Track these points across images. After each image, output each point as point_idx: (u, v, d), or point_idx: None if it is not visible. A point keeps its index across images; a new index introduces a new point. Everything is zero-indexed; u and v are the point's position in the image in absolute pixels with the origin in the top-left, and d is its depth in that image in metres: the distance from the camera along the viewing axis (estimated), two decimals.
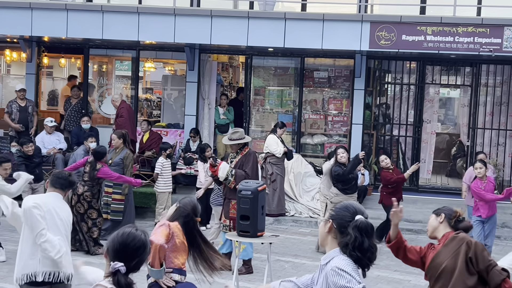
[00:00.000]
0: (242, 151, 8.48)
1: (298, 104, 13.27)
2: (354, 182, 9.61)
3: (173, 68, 17.13)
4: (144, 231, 3.19)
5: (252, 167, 8.35)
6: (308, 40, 11.74)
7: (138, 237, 3.10)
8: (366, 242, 3.12)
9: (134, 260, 3.06)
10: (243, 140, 8.49)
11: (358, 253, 3.11)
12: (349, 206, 3.28)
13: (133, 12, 11.92)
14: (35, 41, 13.27)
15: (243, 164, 8.35)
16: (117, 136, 9.88)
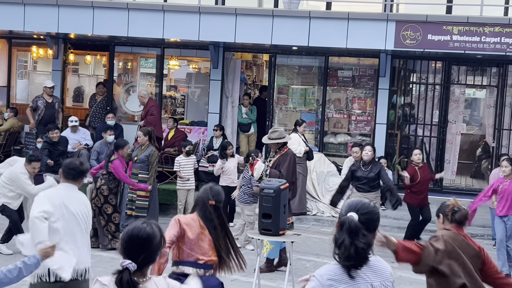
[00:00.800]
0: (280, 151, 8.32)
1: (322, 103, 13.23)
2: (368, 181, 9.52)
3: (197, 66, 17.20)
4: (154, 225, 3.15)
5: (288, 167, 8.20)
6: (332, 39, 11.70)
7: (143, 230, 3.08)
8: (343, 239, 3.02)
9: (141, 254, 3.04)
10: (282, 139, 8.33)
11: (337, 250, 3.06)
12: (348, 204, 3.20)
13: (158, 10, 11.99)
14: (61, 38, 13.43)
15: (280, 164, 8.22)
16: (143, 133, 9.96)
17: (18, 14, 12.20)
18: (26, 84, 16.25)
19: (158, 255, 3.12)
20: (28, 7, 12.22)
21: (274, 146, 8.41)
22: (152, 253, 3.08)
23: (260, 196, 7.54)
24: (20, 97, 15.60)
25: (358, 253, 3.02)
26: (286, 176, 8.08)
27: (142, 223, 3.14)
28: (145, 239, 3.06)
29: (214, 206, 4.81)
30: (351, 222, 3.05)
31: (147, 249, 3.05)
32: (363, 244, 3.02)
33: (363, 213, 3.10)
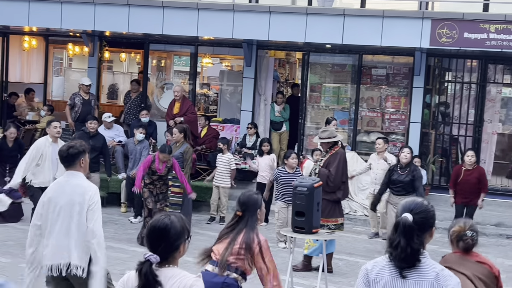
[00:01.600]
0: (331, 150, 8.24)
1: (355, 102, 13.16)
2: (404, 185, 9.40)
3: (230, 64, 17.27)
4: (174, 217, 3.18)
5: (338, 167, 8.10)
6: (366, 36, 11.62)
7: (161, 221, 3.15)
8: (399, 240, 3.08)
9: (160, 244, 3.11)
10: (332, 139, 8.22)
11: (389, 249, 3.13)
12: (402, 204, 3.24)
13: (192, 8, 12.06)
14: (97, 36, 13.61)
15: (330, 163, 8.14)
16: (179, 130, 10.02)
17: (55, 12, 12.40)
18: (62, 81, 16.53)
19: (180, 245, 3.15)
20: (65, 5, 12.40)
21: (324, 146, 8.32)
22: (171, 243, 3.12)
23: (293, 194, 7.53)
24: (56, 94, 15.87)
25: (413, 253, 3.09)
26: (335, 175, 8.00)
27: (161, 216, 3.22)
28: (162, 229, 3.12)
29: (241, 216, 4.67)
30: (405, 223, 3.10)
31: (164, 239, 3.11)
32: (417, 245, 3.08)
33: (417, 213, 3.15)
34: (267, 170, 10.85)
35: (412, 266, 3.10)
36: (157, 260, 3.05)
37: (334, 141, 8.27)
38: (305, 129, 13.40)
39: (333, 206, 8.22)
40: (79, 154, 4.94)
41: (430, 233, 3.20)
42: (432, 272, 3.11)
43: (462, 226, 4.28)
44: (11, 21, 12.84)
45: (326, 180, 8.03)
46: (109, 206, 11.63)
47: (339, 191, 8.25)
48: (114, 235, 9.77)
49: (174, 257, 3.16)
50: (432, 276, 3.10)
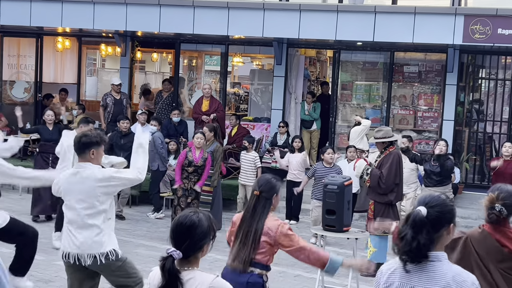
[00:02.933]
0: (386, 150, 8.05)
1: (387, 99, 13.04)
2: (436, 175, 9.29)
3: (261, 63, 17.27)
4: (202, 214, 3.13)
5: (390, 168, 7.89)
6: (398, 34, 11.51)
7: (188, 218, 3.08)
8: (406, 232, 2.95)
9: (185, 241, 3.03)
10: (387, 138, 8.02)
11: (398, 242, 3.00)
12: (418, 198, 3.14)
13: (223, 7, 12.09)
14: (129, 36, 13.75)
15: (382, 164, 7.96)
16: (209, 129, 10.07)
17: (88, 13, 12.56)
18: (95, 82, 16.74)
19: (204, 245, 3.09)
20: (98, 6, 12.55)
21: (379, 146, 8.15)
22: (196, 242, 3.05)
23: (323, 192, 7.51)
24: (89, 94, 16.07)
25: (419, 249, 2.93)
26: (386, 177, 7.80)
27: (190, 212, 3.15)
28: (189, 226, 3.05)
29: (259, 196, 4.45)
30: (416, 216, 2.97)
31: (190, 237, 3.04)
32: (425, 240, 2.93)
33: (432, 206, 3.00)
34: (298, 168, 10.83)
35: (417, 262, 2.96)
36: (179, 256, 2.98)
37: (390, 141, 8.03)
38: (336, 127, 13.32)
39: (387, 209, 7.99)
40: (91, 145, 4.94)
41: (448, 230, 3.02)
42: (443, 280, 2.94)
43: (493, 196, 3.92)
44: (44, 22, 13.05)
45: (378, 182, 7.83)
46: (141, 205, 11.75)
47: (392, 193, 7.99)
48: (146, 234, 9.86)
49: (196, 257, 3.10)
50: (442, 284, 2.94)
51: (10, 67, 15.03)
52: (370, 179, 7.89)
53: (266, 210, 4.42)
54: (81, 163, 5.00)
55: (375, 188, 7.94)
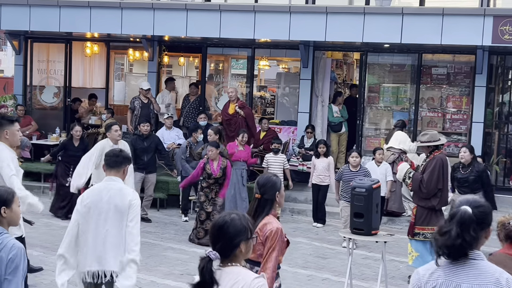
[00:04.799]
0: (432, 154, 7.83)
1: (415, 102, 12.93)
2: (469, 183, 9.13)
3: (287, 66, 17.26)
4: (236, 215, 3.19)
5: (431, 173, 7.67)
6: (426, 35, 11.41)
7: (221, 218, 3.17)
8: (451, 228, 2.95)
9: (219, 241, 3.13)
10: (432, 142, 7.80)
11: (438, 237, 2.99)
12: (460, 200, 3.13)
13: (249, 11, 12.12)
14: (156, 41, 13.85)
15: (426, 168, 7.77)
16: (214, 131, 10.04)
17: (116, 18, 12.70)
18: (123, 86, 16.88)
19: (240, 243, 3.13)
20: (126, 11, 12.68)
21: (425, 150, 7.98)
22: (229, 240, 3.12)
23: (351, 195, 7.47)
24: (118, 98, 16.22)
25: (463, 246, 2.95)
26: (426, 182, 7.63)
27: (225, 213, 3.25)
28: (220, 226, 3.14)
29: (260, 199, 4.43)
30: (464, 214, 2.98)
31: (223, 236, 3.13)
32: (470, 237, 2.95)
33: (476, 207, 3.04)
34: (323, 172, 10.79)
35: (455, 259, 2.97)
36: (216, 256, 3.06)
37: (435, 145, 7.82)
38: (364, 130, 13.25)
39: (429, 214, 7.80)
40: (127, 162, 5.07)
41: (486, 233, 3.05)
42: (491, 276, 2.96)
43: (506, 217, 4.08)
44: (73, 27, 13.22)
45: (419, 186, 7.69)
46: (169, 208, 11.82)
47: (435, 198, 7.76)
48: (174, 237, 9.91)
49: (236, 255, 3.15)
50: (492, 280, 2.95)
51: (39, 72, 15.25)
52: (412, 183, 7.75)
53: (267, 210, 4.42)
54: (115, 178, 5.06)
55: (417, 192, 7.79)
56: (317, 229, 10.83)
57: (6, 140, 5.85)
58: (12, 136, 5.86)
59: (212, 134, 10.02)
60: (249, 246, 3.20)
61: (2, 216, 3.73)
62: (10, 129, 5.83)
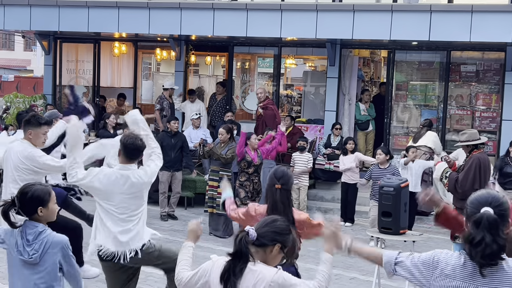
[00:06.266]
0: (471, 154, 7.70)
1: (443, 100, 12.79)
2: None
3: (314, 64, 17.22)
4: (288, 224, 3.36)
5: (467, 173, 7.53)
6: (455, 32, 11.28)
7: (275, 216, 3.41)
8: (483, 236, 2.84)
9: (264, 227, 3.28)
10: (471, 142, 7.68)
11: (468, 247, 2.89)
12: (476, 199, 3.03)
13: (276, 10, 12.11)
14: (183, 40, 13.92)
15: (463, 168, 7.67)
16: (225, 130, 10.03)
17: (143, 18, 12.79)
18: (150, 85, 17.01)
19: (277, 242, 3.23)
20: (153, 11, 12.77)
21: (465, 149, 7.86)
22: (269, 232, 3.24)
23: (379, 194, 7.43)
24: (145, 97, 16.35)
25: (500, 250, 2.86)
26: (461, 181, 7.52)
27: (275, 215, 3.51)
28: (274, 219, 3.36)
29: (280, 189, 4.52)
30: (489, 218, 2.88)
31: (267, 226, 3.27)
32: (502, 240, 2.87)
33: (496, 206, 2.94)
34: (352, 169, 10.76)
35: (495, 264, 2.86)
36: (254, 235, 3.17)
37: (474, 144, 7.68)
38: (391, 128, 13.15)
39: None
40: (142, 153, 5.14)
41: (507, 227, 2.95)
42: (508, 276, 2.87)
43: None
44: (102, 28, 13.36)
45: (454, 185, 7.60)
46: (196, 207, 11.88)
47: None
48: (202, 235, 9.92)
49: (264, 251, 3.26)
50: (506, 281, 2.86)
51: (69, 72, 15.44)
52: (448, 183, 7.63)
53: (290, 202, 4.56)
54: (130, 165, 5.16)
55: (453, 192, 7.69)
56: (345, 228, 10.78)
57: (30, 140, 5.93)
58: (35, 138, 5.91)
59: (223, 133, 9.96)
60: (279, 254, 3.28)
61: (39, 215, 3.81)
62: (34, 130, 5.88)
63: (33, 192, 3.78)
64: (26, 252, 3.73)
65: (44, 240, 3.72)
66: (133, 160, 5.07)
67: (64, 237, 3.81)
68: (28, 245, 3.73)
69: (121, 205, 5.00)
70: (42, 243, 3.72)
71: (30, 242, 3.73)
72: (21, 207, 3.77)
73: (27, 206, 3.77)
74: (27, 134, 5.93)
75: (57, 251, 3.75)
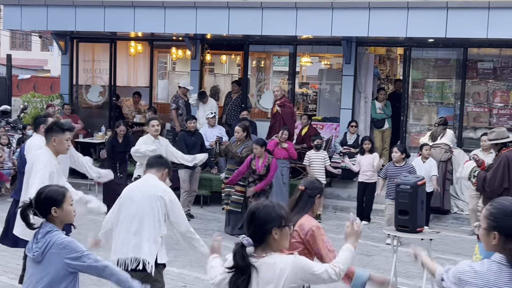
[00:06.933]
0: (499, 152, 7.55)
1: (460, 97, 12.70)
2: None
3: (329, 62, 17.17)
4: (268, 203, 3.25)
5: (495, 172, 7.35)
6: (472, 29, 11.19)
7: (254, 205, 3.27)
8: None
9: (250, 227, 3.21)
10: (499, 140, 7.52)
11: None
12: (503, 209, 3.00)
13: (291, 8, 12.09)
14: (199, 39, 13.95)
15: (491, 166, 7.51)
16: (242, 128, 9.99)
17: (159, 17, 12.83)
18: (166, 84, 17.09)
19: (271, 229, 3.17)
20: (168, 10, 12.81)
21: (494, 148, 7.77)
22: (259, 226, 3.18)
23: (396, 192, 7.40)
24: (161, 96, 16.42)
25: None
26: (489, 180, 7.35)
27: (262, 200, 3.35)
28: (252, 213, 3.23)
29: (303, 192, 4.49)
30: None
31: (254, 222, 3.20)
32: None
33: None
34: (370, 168, 10.72)
35: None
36: (249, 242, 3.12)
37: (503, 143, 7.51)
38: (408, 126, 13.08)
39: None
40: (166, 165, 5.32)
41: None
42: None
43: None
44: (118, 27, 13.43)
45: (482, 184, 7.54)
46: (212, 205, 11.91)
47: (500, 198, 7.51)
48: (218, 233, 9.96)
49: (269, 243, 3.19)
50: None
51: (85, 71, 15.54)
52: (476, 182, 7.54)
53: (308, 207, 4.44)
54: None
55: (481, 191, 7.60)
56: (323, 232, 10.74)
57: (53, 147, 5.84)
58: (59, 145, 5.85)
59: (239, 131, 9.92)
60: (284, 234, 3.20)
61: (53, 216, 3.85)
62: (59, 137, 5.83)
63: (46, 192, 3.85)
64: (32, 250, 3.82)
65: (48, 240, 3.76)
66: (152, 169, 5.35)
67: (69, 239, 3.81)
68: (35, 242, 3.81)
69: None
70: (46, 242, 3.76)
71: (37, 240, 3.81)
72: (36, 207, 3.83)
73: (42, 207, 3.83)
74: (51, 141, 5.86)
75: (60, 252, 3.74)
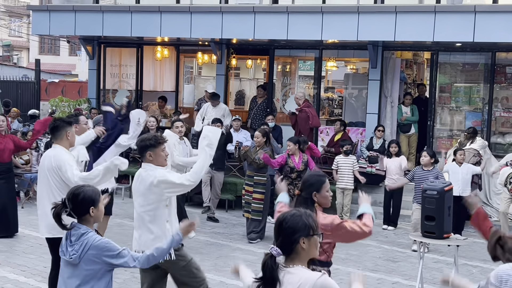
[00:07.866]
0: None
1: (488, 102, 12.54)
2: None
3: (355, 67, 17.06)
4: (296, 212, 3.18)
5: None
6: (500, 33, 11.05)
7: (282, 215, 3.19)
8: None
9: (279, 237, 3.14)
10: None
11: None
12: None
13: (317, 12, 12.07)
14: (224, 44, 14.00)
15: None
16: (261, 133, 9.94)
17: (185, 22, 12.92)
18: (192, 89, 17.14)
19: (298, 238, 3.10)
20: (194, 15, 12.88)
21: None
22: (286, 236, 3.11)
23: (422, 198, 7.33)
24: (187, 101, 16.49)
25: None
26: None
27: (290, 209, 3.28)
28: (280, 222, 3.17)
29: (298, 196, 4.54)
30: None
31: (282, 232, 3.14)
32: None
33: None
34: (397, 172, 10.65)
35: None
36: (278, 253, 3.07)
37: None
38: (435, 131, 12.95)
39: None
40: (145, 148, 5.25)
41: None
42: None
43: None
44: (144, 32, 13.55)
45: None
46: (237, 209, 11.91)
47: None
48: (243, 238, 9.97)
49: (297, 252, 3.12)
50: None
51: (112, 76, 15.70)
52: None
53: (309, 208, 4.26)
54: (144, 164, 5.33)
55: None
56: (387, 232, 10.67)
57: (67, 141, 6.01)
58: (72, 137, 6.05)
59: (259, 137, 9.88)
60: (312, 243, 3.14)
61: (91, 216, 3.89)
62: (70, 130, 6.03)
63: (84, 193, 3.88)
64: (68, 253, 3.83)
65: (85, 242, 3.79)
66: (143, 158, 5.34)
67: (104, 240, 3.85)
68: (70, 245, 3.83)
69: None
70: (83, 244, 3.78)
71: (72, 243, 3.82)
72: (73, 208, 3.85)
73: (80, 207, 3.86)
74: (64, 136, 5.98)
75: (99, 253, 3.78)
